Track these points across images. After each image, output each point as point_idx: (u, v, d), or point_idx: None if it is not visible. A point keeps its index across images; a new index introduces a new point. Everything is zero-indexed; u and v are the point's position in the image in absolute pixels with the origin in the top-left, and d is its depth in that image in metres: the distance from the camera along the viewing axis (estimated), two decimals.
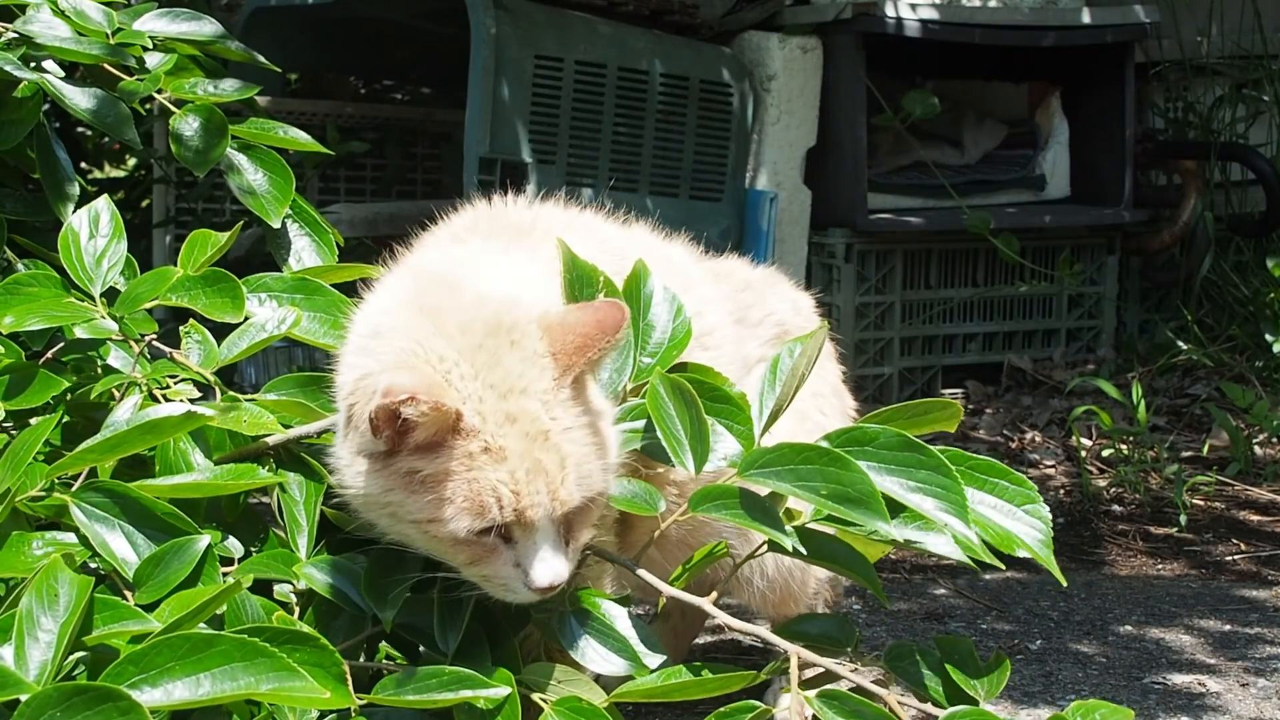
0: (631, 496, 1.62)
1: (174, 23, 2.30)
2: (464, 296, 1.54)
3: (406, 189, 4.77)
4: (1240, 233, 4.64)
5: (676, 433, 1.57)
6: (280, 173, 2.18)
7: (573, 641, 1.59)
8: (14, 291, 1.88)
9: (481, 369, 1.48)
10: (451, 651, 1.57)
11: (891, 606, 2.75)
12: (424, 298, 1.55)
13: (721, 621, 1.59)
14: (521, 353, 1.49)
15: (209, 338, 1.88)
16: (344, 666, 1.41)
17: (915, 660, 1.64)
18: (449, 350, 1.49)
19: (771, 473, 1.51)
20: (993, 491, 1.58)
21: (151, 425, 1.61)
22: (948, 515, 1.50)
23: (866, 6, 4.13)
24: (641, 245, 1.93)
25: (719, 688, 1.55)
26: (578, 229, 1.82)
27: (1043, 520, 1.57)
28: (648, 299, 1.73)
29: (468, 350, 1.49)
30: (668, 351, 1.70)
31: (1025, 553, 1.56)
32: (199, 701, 1.28)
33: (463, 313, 1.52)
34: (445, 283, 1.58)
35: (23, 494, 1.61)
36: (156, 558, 1.58)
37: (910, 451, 1.52)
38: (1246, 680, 2.39)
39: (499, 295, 1.55)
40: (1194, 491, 3.50)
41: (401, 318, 1.54)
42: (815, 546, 1.58)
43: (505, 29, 3.74)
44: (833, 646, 1.64)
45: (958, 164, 4.56)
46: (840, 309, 4.17)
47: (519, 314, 1.52)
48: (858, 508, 1.47)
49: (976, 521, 1.53)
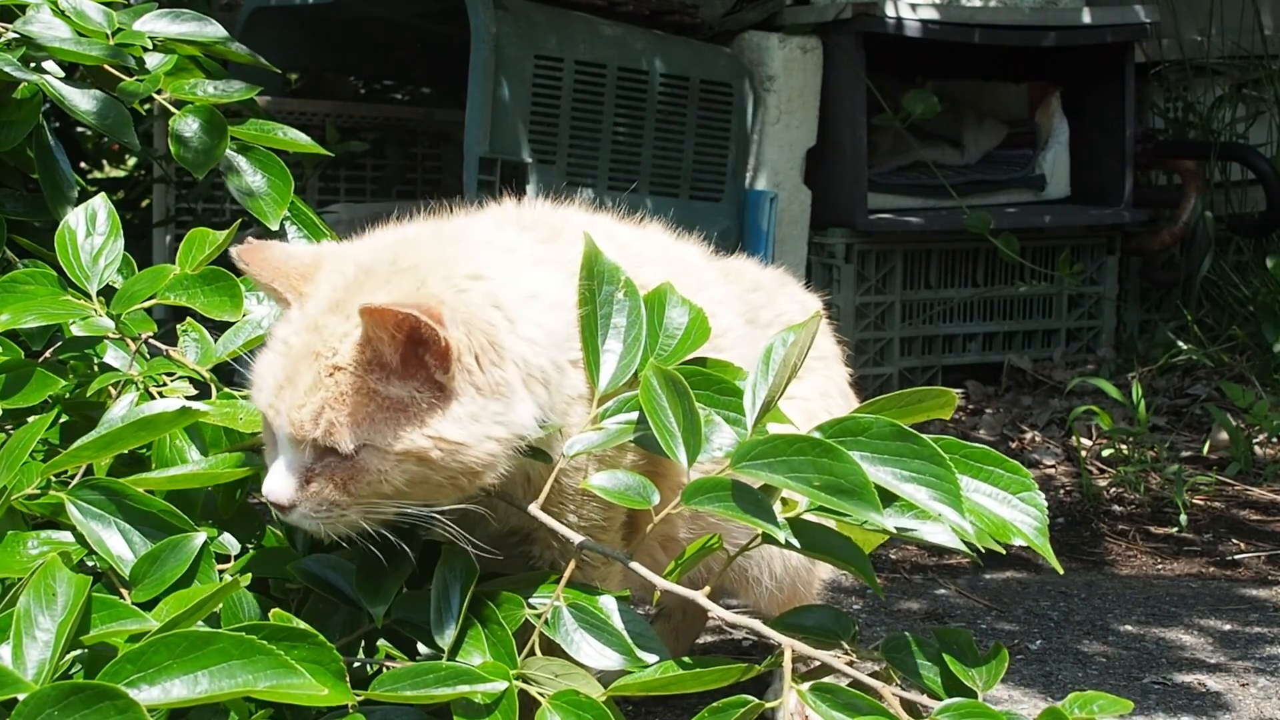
0: (625, 489, 1.60)
1: (174, 23, 2.30)
2: (390, 246, 1.67)
3: (406, 189, 4.77)
4: (1240, 233, 4.64)
5: (669, 424, 1.56)
6: (279, 175, 2.18)
7: (567, 636, 1.59)
8: (10, 289, 1.88)
9: (336, 290, 1.60)
10: (449, 646, 1.57)
11: (892, 607, 2.75)
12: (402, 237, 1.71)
13: (714, 614, 1.58)
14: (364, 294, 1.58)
15: (206, 335, 1.89)
16: (341, 663, 1.42)
17: (912, 651, 1.63)
18: (340, 276, 1.62)
19: (764, 464, 1.50)
20: (988, 479, 1.57)
21: (146, 421, 1.61)
22: (942, 505, 1.49)
23: (866, 6, 4.13)
24: (657, 247, 1.93)
25: (716, 680, 1.55)
26: (597, 232, 1.83)
27: (1038, 508, 1.56)
28: (670, 313, 1.74)
29: (351, 276, 1.61)
30: (679, 347, 1.70)
31: (1021, 540, 1.55)
32: (197, 699, 1.28)
33: (372, 257, 1.63)
34: (426, 235, 1.72)
35: (19, 492, 1.61)
36: (153, 555, 1.58)
37: (903, 441, 1.51)
38: (1247, 680, 2.39)
39: (415, 258, 1.62)
40: (1194, 491, 3.50)
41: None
42: (810, 538, 1.57)
43: (505, 29, 3.74)
44: (829, 639, 1.63)
45: (958, 164, 4.56)
46: (840, 309, 4.16)
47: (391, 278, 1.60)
48: (850, 499, 1.46)
49: (971, 510, 1.52)
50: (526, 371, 1.60)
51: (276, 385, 1.56)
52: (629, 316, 1.69)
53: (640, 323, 1.69)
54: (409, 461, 1.54)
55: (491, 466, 1.57)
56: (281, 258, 1.65)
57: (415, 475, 1.55)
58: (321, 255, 1.67)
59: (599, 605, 1.61)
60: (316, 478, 1.55)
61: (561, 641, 1.59)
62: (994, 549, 1.54)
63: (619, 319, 1.69)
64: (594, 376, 1.67)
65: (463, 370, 1.55)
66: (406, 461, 1.54)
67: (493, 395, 1.56)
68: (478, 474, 1.57)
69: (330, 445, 1.53)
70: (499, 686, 1.52)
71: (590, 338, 1.67)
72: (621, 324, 1.69)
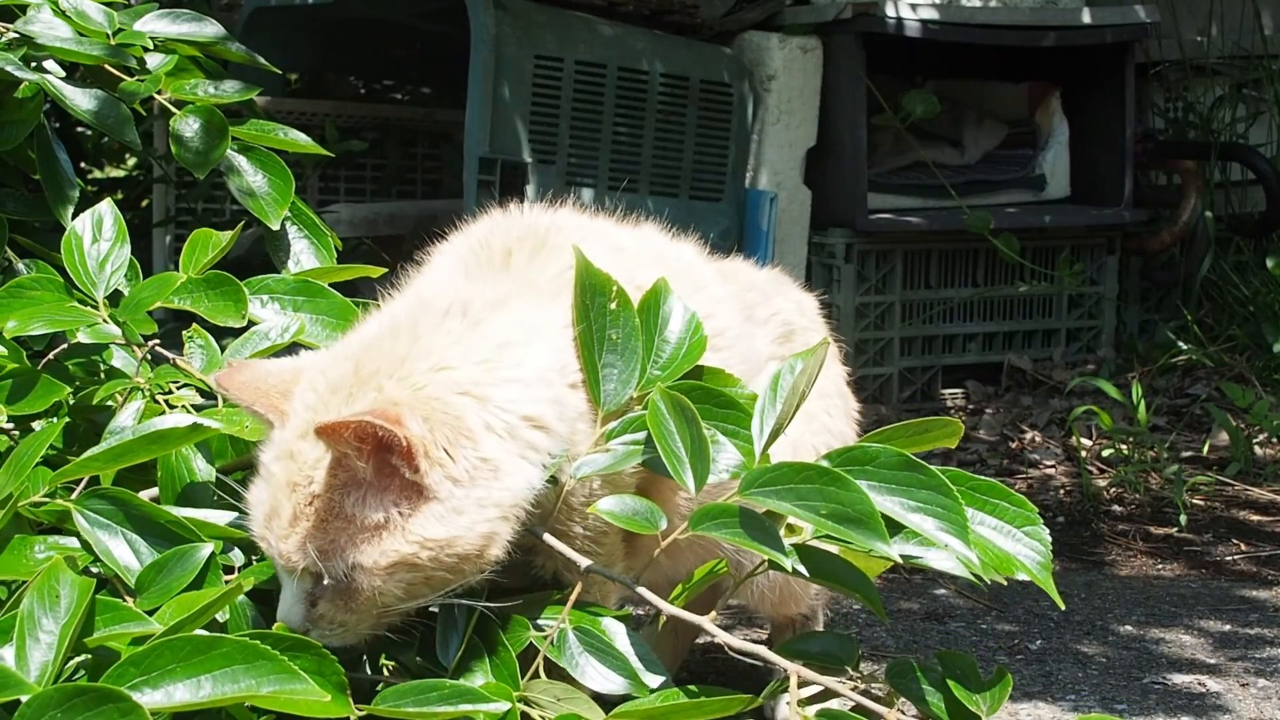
0: (633, 514, 1.60)
1: (175, 24, 2.30)
2: (353, 354, 1.62)
3: (406, 189, 4.77)
4: (1240, 233, 4.64)
5: (677, 450, 1.56)
6: (280, 174, 2.19)
7: (572, 659, 1.59)
8: (17, 295, 1.88)
9: (308, 410, 1.57)
10: (452, 665, 1.57)
11: (892, 607, 2.75)
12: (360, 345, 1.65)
13: (721, 641, 1.57)
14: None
15: (211, 343, 1.89)
16: (343, 675, 1.41)
17: (917, 677, 1.63)
18: (312, 394, 1.59)
19: (772, 492, 1.51)
20: (993, 512, 1.58)
21: (157, 436, 1.63)
22: (948, 536, 1.49)
23: (866, 6, 4.13)
24: (653, 248, 1.93)
25: (719, 710, 1.55)
26: (591, 236, 1.82)
27: (1042, 543, 1.57)
28: (666, 316, 1.73)
29: (320, 395, 1.58)
30: (679, 365, 1.70)
31: (1024, 575, 1.56)
32: (200, 703, 1.28)
33: (337, 370, 1.59)
34: (383, 337, 1.65)
35: (25, 499, 1.61)
36: (159, 564, 1.58)
37: (911, 471, 1.51)
38: (1247, 680, 2.40)
39: (374, 364, 1.59)
40: (1194, 491, 3.50)
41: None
42: (815, 564, 1.57)
43: (505, 29, 3.74)
44: (834, 665, 1.64)
45: (958, 164, 4.56)
46: (840, 309, 4.17)
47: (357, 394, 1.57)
48: (857, 528, 1.46)
49: (976, 543, 1.52)
50: (512, 435, 1.58)
51: (265, 516, 1.56)
52: (623, 329, 1.69)
53: (636, 334, 1.69)
54: (400, 572, 1.53)
55: (493, 542, 1.56)
56: (260, 377, 1.63)
57: (413, 580, 1.54)
58: (299, 369, 1.64)
59: (603, 628, 1.61)
60: (321, 600, 1.55)
61: (566, 664, 1.59)
62: (997, 580, 1.54)
63: (614, 332, 1.68)
64: (596, 394, 1.67)
65: (434, 465, 1.52)
66: (398, 573, 1.53)
67: (473, 482, 1.54)
68: (480, 555, 1.55)
69: (319, 573, 1.53)
70: (501, 707, 1.52)
71: (588, 355, 1.67)
72: (617, 337, 1.69)
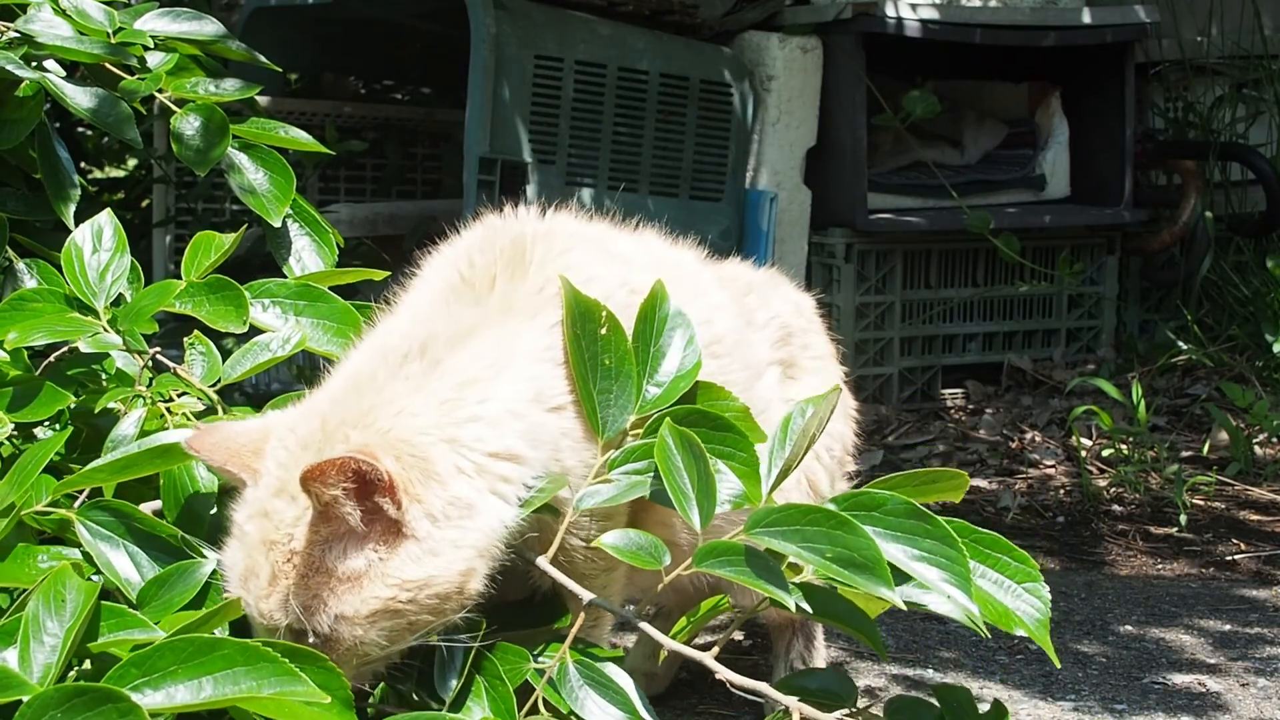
0: (637, 549, 1.59)
1: (175, 22, 2.30)
2: (321, 409, 1.60)
3: (406, 189, 4.77)
4: (1240, 233, 4.64)
5: (683, 486, 1.56)
6: (281, 172, 2.19)
7: (572, 692, 1.58)
8: (19, 307, 1.90)
9: (280, 468, 1.56)
10: (450, 698, 1.57)
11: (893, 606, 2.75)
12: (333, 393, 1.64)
13: (723, 678, 1.56)
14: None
15: (213, 350, 1.89)
16: (349, 689, 1.40)
17: (915, 713, 1.64)
18: (284, 452, 1.58)
19: (777, 533, 1.50)
20: (994, 566, 1.58)
21: (162, 450, 1.64)
22: (951, 587, 1.49)
23: (866, 6, 4.13)
24: (650, 253, 1.92)
25: None
26: (585, 243, 1.81)
27: (1042, 600, 1.57)
28: (661, 322, 1.72)
29: (291, 452, 1.57)
30: (675, 383, 1.69)
31: (1023, 631, 1.56)
32: (200, 704, 1.28)
33: (306, 426, 1.58)
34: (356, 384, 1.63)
35: (29, 508, 1.62)
36: (161, 579, 1.59)
37: (917, 520, 1.51)
38: (1247, 680, 2.40)
39: (340, 417, 1.58)
40: (1194, 491, 3.50)
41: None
42: (819, 604, 1.57)
43: (505, 29, 3.74)
44: (832, 701, 1.64)
45: (958, 164, 4.56)
46: (840, 309, 4.17)
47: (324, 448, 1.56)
48: (862, 572, 1.46)
49: (977, 596, 1.52)
50: (481, 472, 1.58)
51: (241, 576, 1.54)
52: (615, 354, 1.68)
53: (629, 358, 1.69)
54: (382, 620, 1.52)
55: (471, 578, 1.55)
56: (231, 438, 1.61)
57: (395, 626, 1.53)
58: (268, 428, 1.62)
59: (604, 663, 1.60)
60: None
61: (566, 696, 1.58)
62: (998, 629, 1.55)
63: (607, 358, 1.67)
64: (595, 423, 1.66)
65: (412, 500, 1.52)
66: (379, 620, 1.52)
67: (447, 520, 1.54)
68: (460, 592, 1.55)
69: (302, 630, 1.51)
70: None
71: (583, 384, 1.66)
72: (610, 363, 1.68)
